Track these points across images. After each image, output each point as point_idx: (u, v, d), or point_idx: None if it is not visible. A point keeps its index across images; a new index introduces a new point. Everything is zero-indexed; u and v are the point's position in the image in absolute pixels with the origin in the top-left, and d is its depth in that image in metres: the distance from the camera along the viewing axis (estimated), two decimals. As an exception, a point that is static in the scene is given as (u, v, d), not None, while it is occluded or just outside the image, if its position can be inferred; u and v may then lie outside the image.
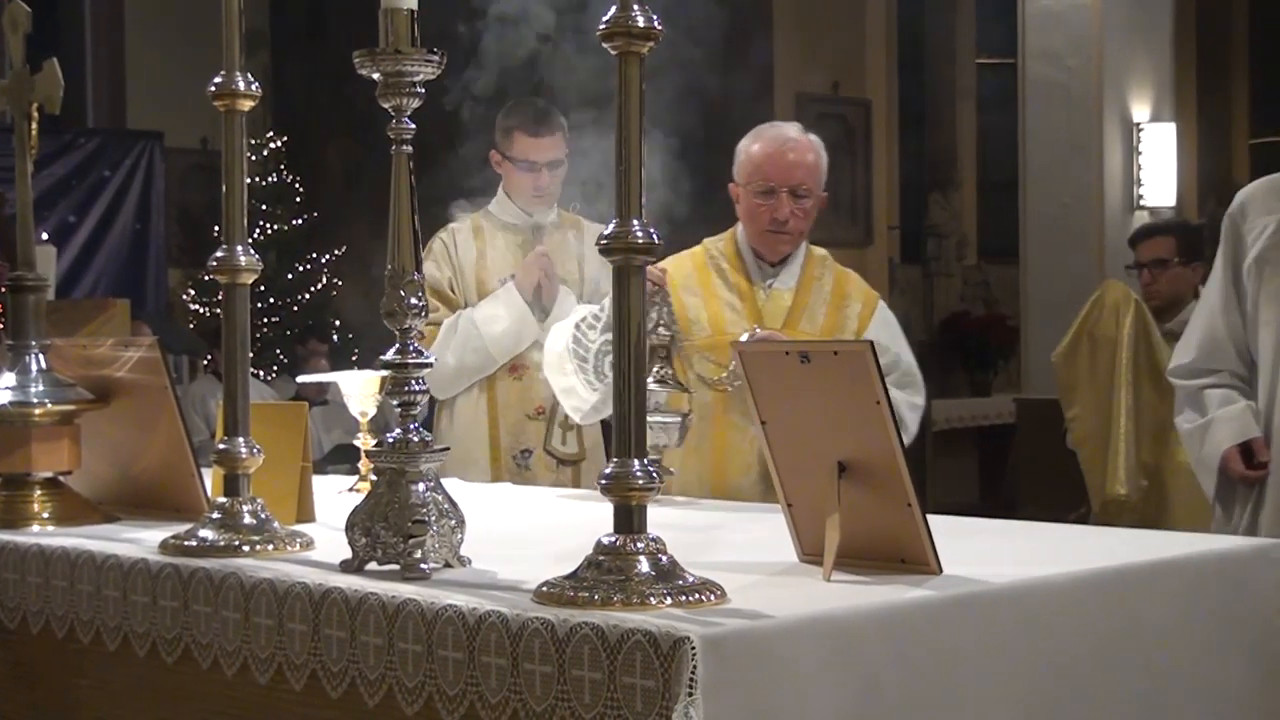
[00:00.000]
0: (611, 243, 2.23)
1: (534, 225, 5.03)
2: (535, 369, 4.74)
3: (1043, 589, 2.45)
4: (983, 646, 2.32)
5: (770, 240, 4.07)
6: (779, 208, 4.01)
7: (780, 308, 4.08)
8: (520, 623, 2.13)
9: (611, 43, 2.20)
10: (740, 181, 4.10)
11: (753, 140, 4.11)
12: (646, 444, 3.23)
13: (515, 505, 3.73)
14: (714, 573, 2.27)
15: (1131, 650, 2.53)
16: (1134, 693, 2.53)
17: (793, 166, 4.03)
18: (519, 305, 4.84)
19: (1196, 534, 3.02)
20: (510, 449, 4.92)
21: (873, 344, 2.43)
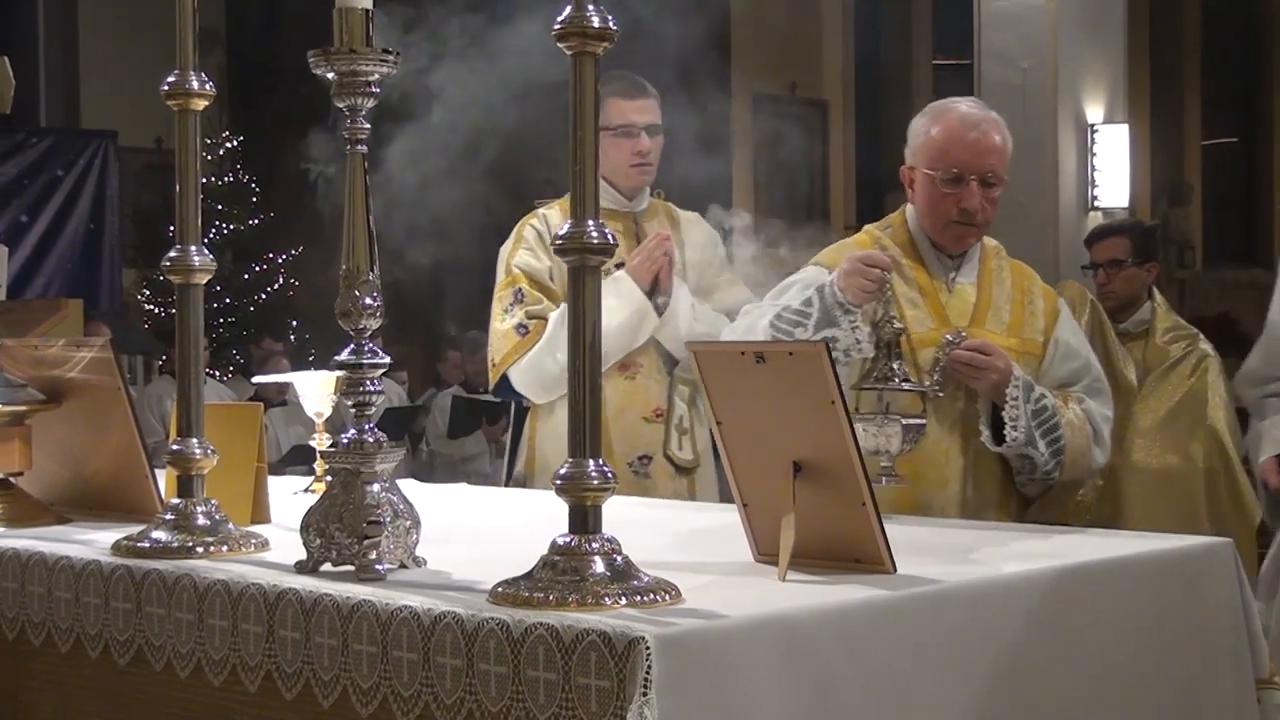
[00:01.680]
0: (567, 243, 2.23)
1: (634, 211, 4.58)
2: (651, 367, 4.43)
3: (996, 588, 2.47)
4: (937, 646, 2.33)
5: (957, 233, 3.66)
6: (968, 197, 3.60)
7: (965, 305, 3.67)
8: (475, 623, 2.13)
9: (566, 43, 2.21)
10: (921, 166, 3.67)
11: (932, 121, 3.68)
12: (875, 447, 3.23)
13: (472, 505, 3.72)
14: (669, 573, 2.27)
15: (1084, 648, 2.54)
16: (1087, 691, 2.55)
17: (984, 152, 3.62)
18: (637, 296, 4.37)
19: (1149, 533, 3.04)
20: (625, 456, 4.39)
21: (827, 344, 2.44)
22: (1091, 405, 3.64)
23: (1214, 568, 2.77)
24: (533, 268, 4.42)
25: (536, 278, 4.42)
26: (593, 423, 2.24)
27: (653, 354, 4.41)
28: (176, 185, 2.81)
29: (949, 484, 3.55)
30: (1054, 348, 3.68)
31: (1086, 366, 3.73)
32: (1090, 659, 2.56)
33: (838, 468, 2.43)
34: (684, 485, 4.47)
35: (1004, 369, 3.48)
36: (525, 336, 4.33)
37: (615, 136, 4.46)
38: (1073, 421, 3.56)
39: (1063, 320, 3.76)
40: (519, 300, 4.38)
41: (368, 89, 2.52)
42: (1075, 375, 3.68)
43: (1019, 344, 3.64)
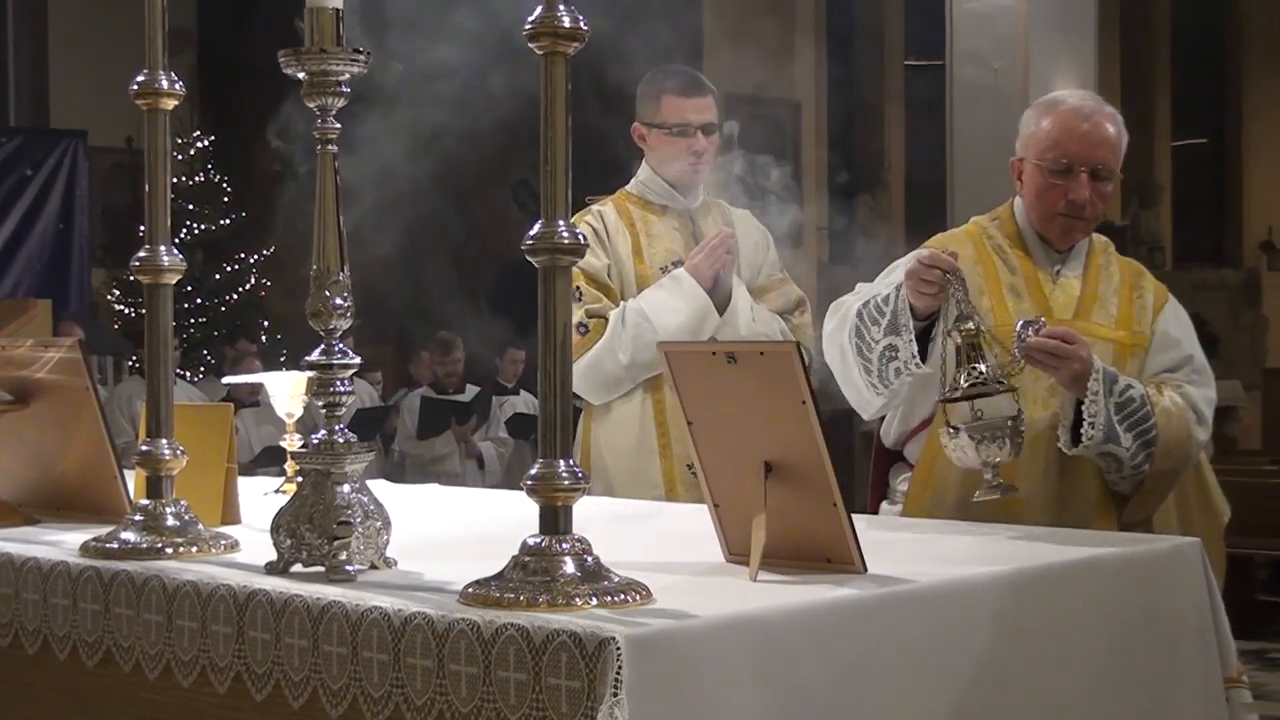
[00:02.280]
0: (537, 243, 2.23)
1: (689, 208, 4.45)
2: None
3: (966, 588, 2.47)
4: (907, 645, 2.33)
5: (1064, 226, 3.56)
6: (1077, 189, 3.50)
7: (1069, 298, 3.57)
8: (446, 624, 2.13)
9: (537, 43, 2.21)
10: (1030, 158, 3.58)
11: (1043, 112, 3.59)
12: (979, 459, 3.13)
13: (443, 506, 3.72)
14: (640, 573, 2.27)
15: (1053, 649, 2.55)
16: (1056, 690, 2.55)
17: (1096, 144, 3.51)
18: (699, 295, 4.24)
19: (1116, 533, 3.05)
20: (685, 457, 4.16)
21: (799, 344, 2.44)
22: (1191, 390, 3.53)
23: (1182, 568, 2.78)
24: (591, 265, 4.28)
25: (595, 276, 4.30)
26: (563, 422, 2.23)
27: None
28: (146, 185, 2.80)
29: (1035, 484, 3.41)
30: (1154, 338, 3.59)
31: (1187, 357, 3.61)
32: (1059, 659, 2.56)
33: (809, 468, 2.43)
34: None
35: (1086, 359, 3.32)
36: (585, 336, 4.23)
37: (671, 135, 4.37)
38: (1169, 409, 3.43)
39: (1167, 312, 3.65)
40: (577, 299, 4.20)
41: (338, 88, 2.52)
42: (1173, 364, 3.58)
43: (1129, 336, 3.55)
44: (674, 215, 4.41)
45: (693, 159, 4.36)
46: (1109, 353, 3.48)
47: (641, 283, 4.32)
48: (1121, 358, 3.51)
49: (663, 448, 4.28)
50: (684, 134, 4.35)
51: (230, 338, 11.70)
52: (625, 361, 4.23)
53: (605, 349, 4.22)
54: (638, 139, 4.46)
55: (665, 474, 4.26)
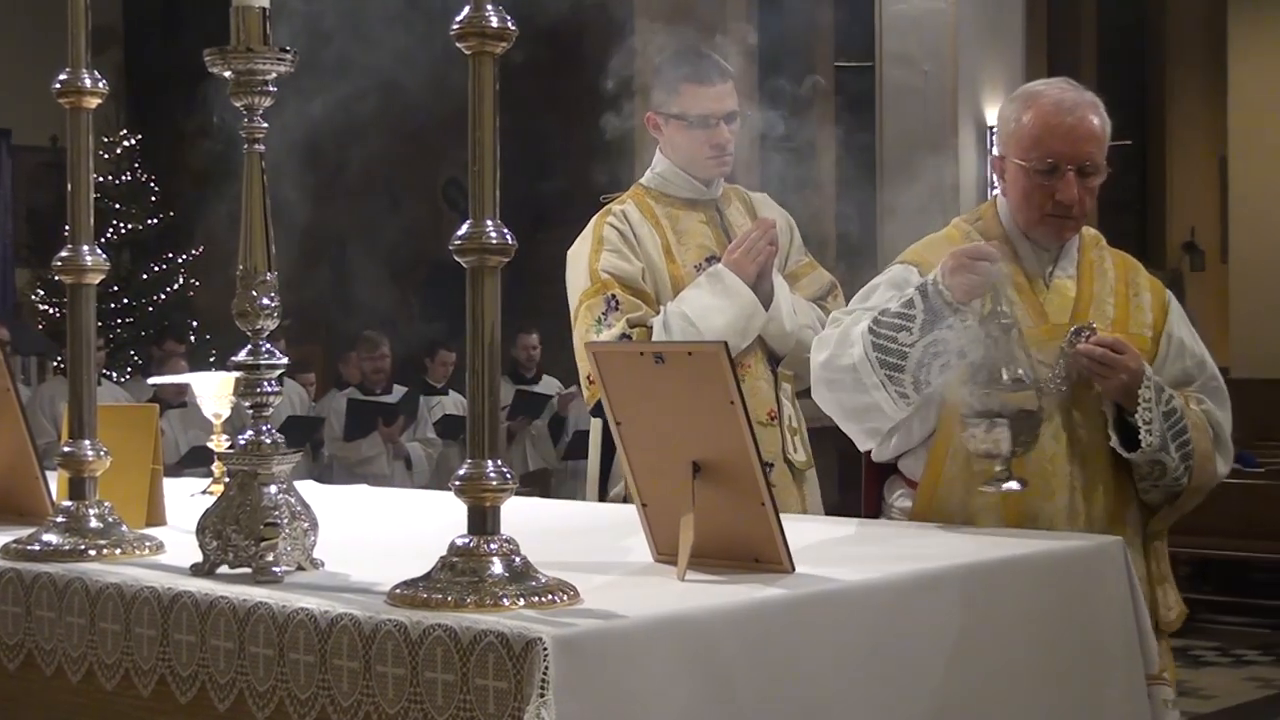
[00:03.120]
0: (465, 244, 2.22)
1: (714, 198, 4.18)
2: (759, 366, 4.06)
3: (893, 587, 2.49)
4: (835, 644, 2.34)
5: (1052, 226, 3.36)
6: (1064, 189, 3.30)
7: (1065, 300, 3.38)
8: (373, 625, 2.12)
9: (465, 43, 2.20)
10: (1013, 156, 3.37)
11: (1023, 106, 3.37)
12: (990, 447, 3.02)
13: (372, 507, 3.70)
14: (568, 573, 2.27)
15: (980, 646, 2.57)
16: (983, 688, 2.57)
17: (1081, 139, 3.30)
18: (744, 293, 3.98)
19: (1041, 532, 3.07)
20: None
21: (726, 345, 2.44)
22: (1211, 407, 3.39)
23: (1105, 566, 2.82)
24: (624, 271, 4.02)
25: (629, 282, 4.01)
26: (491, 423, 2.23)
27: (759, 352, 4.06)
28: (69, 184, 2.77)
29: (1056, 494, 3.25)
30: (1166, 344, 3.42)
31: (1201, 365, 3.46)
32: (986, 656, 2.58)
33: (737, 468, 2.43)
34: (798, 492, 4.11)
35: (1136, 369, 3.20)
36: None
37: (691, 128, 4.10)
38: (1197, 424, 3.31)
39: (1174, 314, 3.48)
40: (614, 307, 3.97)
41: (265, 88, 2.50)
42: (1189, 375, 3.43)
43: (1125, 338, 3.34)
44: (700, 208, 4.16)
45: (715, 152, 4.10)
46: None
47: (676, 284, 4.05)
48: None
49: None
50: (705, 125, 4.09)
51: (158, 338, 11.59)
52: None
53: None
54: (652, 129, 4.21)
55: None
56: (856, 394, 3.24)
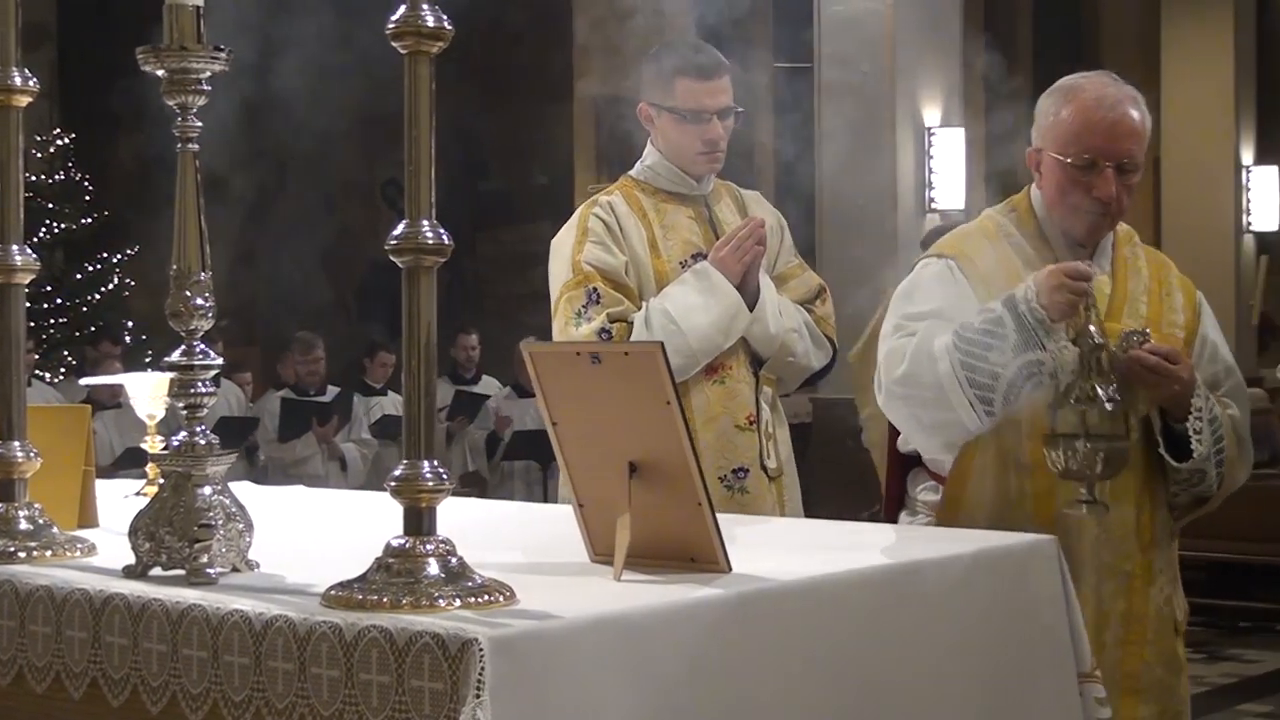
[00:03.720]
0: (401, 244, 2.21)
1: (704, 194, 4.08)
2: (740, 368, 3.97)
3: (830, 585, 2.50)
4: (771, 643, 2.35)
5: (1089, 223, 3.29)
6: (1102, 185, 3.23)
7: (1100, 298, 3.25)
8: (308, 627, 2.11)
9: (401, 42, 2.20)
10: (1050, 150, 3.29)
11: (1063, 101, 3.30)
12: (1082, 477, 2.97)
13: (308, 508, 3.68)
14: (505, 574, 2.27)
15: (915, 644, 2.58)
16: (919, 685, 2.58)
17: (1121, 136, 3.24)
18: (729, 292, 3.90)
19: (977, 530, 3.09)
20: (717, 469, 3.90)
21: (662, 345, 2.44)
22: (1236, 413, 3.35)
23: (1038, 564, 2.83)
24: (607, 264, 3.92)
25: (611, 275, 3.92)
26: (427, 424, 2.23)
27: (741, 354, 3.97)
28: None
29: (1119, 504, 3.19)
30: (1201, 347, 3.38)
31: (1230, 369, 3.42)
32: (921, 654, 2.59)
33: (673, 468, 2.44)
34: (774, 497, 4.02)
35: (1189, 380, 3.17)
36: (609, 342, 3.84)
37: (684, 122, 3.99)
38: (1230, 434, 3.28)
39: (1205, 316, 3.43)
40: (595, 301, 3.89)
41: (198, 86, 2.49)
42: (1219, 378, 3.39)
43: (1159, 338, 3.28)
44: (688, 203, 4.06)
45: (707, 148, 4.01)
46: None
47: (660, 279, 3.96)
48: None
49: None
50: (699, 120, 3.99)
51: (93, 339, 11.49)
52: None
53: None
54: (644, 120, 4.09)
55: None
56: (939, 411, 3.18)
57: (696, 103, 3.97)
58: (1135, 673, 3.26)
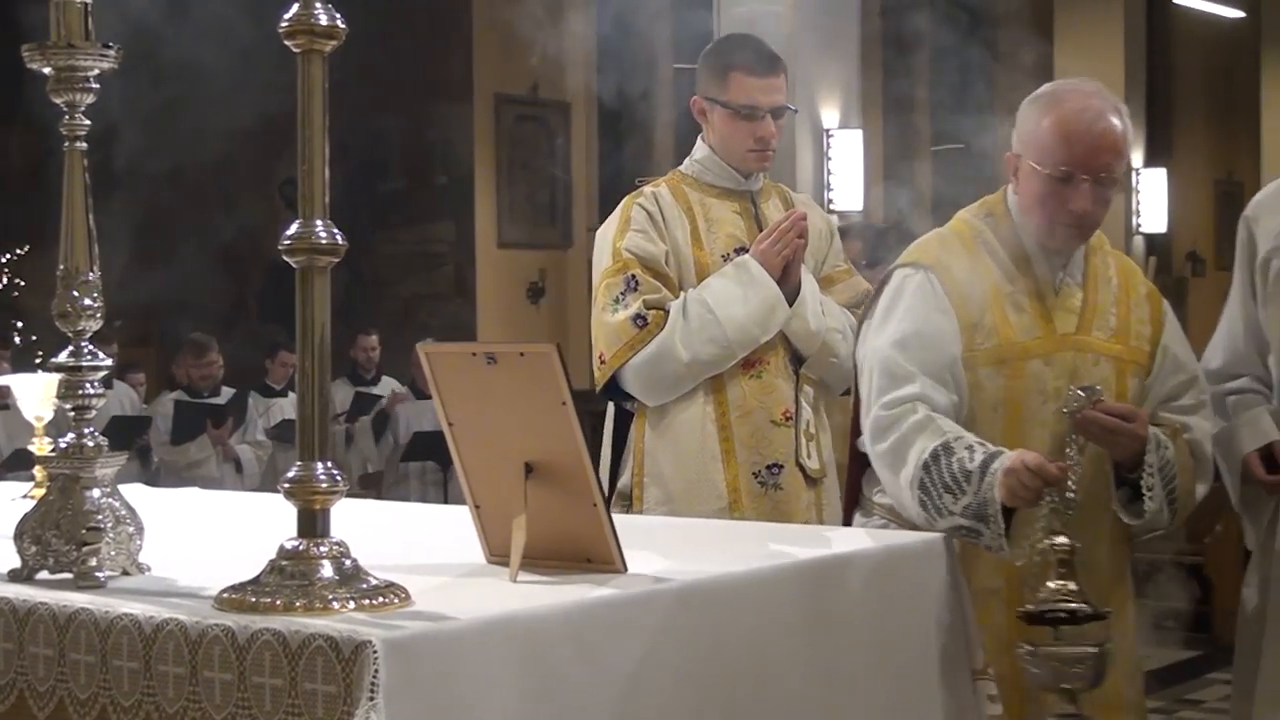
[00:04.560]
0: (294, 243, 2.20)
1: (750, 190, 4.06)
2: (778, 364, 3.93)
3: (727, 586, 2.50)
4: (667, 643, 2.35)
5: (1063, 235, 3.25)
6: (1078, 199, 3.18)
7: (1070, 310, 3.26)
8: (199, 630, 2.09)
9: (294, 41, 2.18)
10: (1028, 158, 3.24)
11: (1045, 109, 3.24)
12: (1055, 684, 2.86)
13: (201, 510, 3.64)
14: (400, 575, 2.26)
15: (813, 643, 2.60)
16: (816, 684, 2.60)
17: (1100, 150, 3.17)
18: (768, 284, 3.85)
19: (872, 530, 3.12)
20: (753, 464, 3.87)
21: (558, 346, 2.44)
22: (1196, 430, 3.29)
23: (933, 563, 2.86)
24: (647, 252, 3.89)
25: (651, 264, 3.89)
26: (321, 424, 2.22)
27: (780, 350, 3.92)
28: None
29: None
30: (1162, 359, 3.32)
31: (1193, 379, 3.36)
32: (819, 652, 2.61)
33: (569, 468, 2.44)
34: (812, 497, 3.95)
35: (1144, 436, 3.12)
36: (643, 329, 3.84)
37: (737, 118, 3.97)
38: (1183, 464, 3.22)
39: (1169, 326, 3.37)
40: (633, 288, 3.87)
41: (86, 84, 2.45)
42: (1181, 390, 3.33)
43: (1125, 351, 3.27)
44: (735, 198, 4.03)
45: (759, 145, 3.99)
46: (1109, 369, 3.25)
47: (701, 271, 3.92)
48: (1121, 375, 3.27)
49: (726, 454, 3.88)
50: (751, 117, 3.96)
51: (-20, 340, 11.29)
52: (687, 358, 3.84)
53: (665, 344, 3.82)
54: (697, 114, 4.07)
55: (729, 483, 3.86)
56: (897, 494, 3.17)
57: (751, 99, 3.96)
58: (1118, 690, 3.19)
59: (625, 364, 3.85)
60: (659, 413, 3.92)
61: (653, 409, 3.93)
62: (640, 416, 3.95)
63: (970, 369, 3.18)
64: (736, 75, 3.96)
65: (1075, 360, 3.22)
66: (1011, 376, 3.18)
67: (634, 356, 3.84)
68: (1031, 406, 3.19)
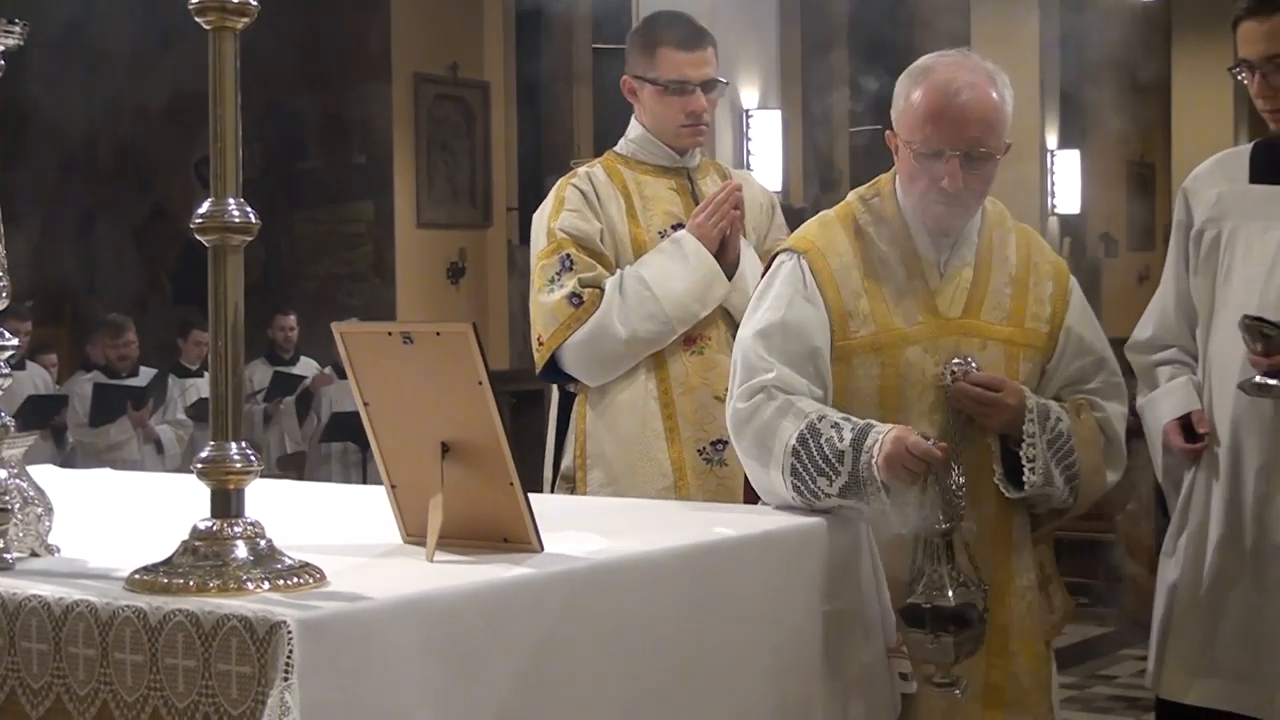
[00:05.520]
0: (206, 222, 2.18)
1: (686, 166, 4.01)
2: (720, 339, 3.86)
3: (642, 564, 2.52)
4: (582, 622, 2.36)
5: (936, 213, 3.12)
6: (948, 176, 3.05)
7: (959, 293, 3.13)
8: (110, 611, 2.07)
9: (204, 18, 2.16)
10: (901, 134, 3.12)
11: (913, 83, 3.11)
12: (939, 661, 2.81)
13: (114, 491, 3.61)
14: (316, 555, 2.25)
15: (728, 621, 2.61)
16: (731, 661, 2.62)
17: (967, 124, 3.03)
18: (704, 259, 3.82)
19: (782, 510, 3.12)
20: (695, 441, 3.82)
21: (474, 326, 2.43)
22: (1107, 411, 3.20)
23: (849, 541, 2.88)
24: (581, 230, 3.87)
25: (585, 242, 3.86)
26: (235, 403, 2.20)
27: (721, 325, 3.87)
28: None
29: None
30: (1065, 341, 3.21)
31: (1100, 363, 3.24)
32: (734, 629, 2.63)
33: (485, 448, 2.44)
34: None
35: (1016, 405, 3.03)
36: (580, 308, 3.81)
37: (667, 94, 3.92)
38: (1086, 439, 3.12)
39: (1074, 306, 3.23)
40: (568, 267, 3.84)
41: (-10, 60, 2.42)
42: (1086, 374, 3.23)
43: (1018, 333, 3.14)
44: (670, 175, 3.99)
45: (690, 120, 3.93)
46: (999, 354, 3.12)
47: (638, 249, 3.89)
48: (1012, 359, 3.14)
49: (669, 431, 3.84)
50: (681, 92, 3.92)
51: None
52: (625, 335, 3.80)
53: (602, 322, 3.80)
54: (627, 93, 4.02)
55: (674, 461, 3.82)
56: (765, 485, 3.07)
57: (679, 73, 3.92)
58: (1000, 685, 3.09)
59: (563, 344, 3.83)
60: (599, 393, 3.89)
61: (594, 390, 3.89)
62: (581, 398, 3.92)
63: (844, 359, 3.08)
64: (664, 51, 3.93)
65: (960, 345, 3.09)
66: (888, 365, 3.07)
67: (571, 336, 3.81)
68: (909, 396, 3.07)
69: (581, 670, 2.35)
